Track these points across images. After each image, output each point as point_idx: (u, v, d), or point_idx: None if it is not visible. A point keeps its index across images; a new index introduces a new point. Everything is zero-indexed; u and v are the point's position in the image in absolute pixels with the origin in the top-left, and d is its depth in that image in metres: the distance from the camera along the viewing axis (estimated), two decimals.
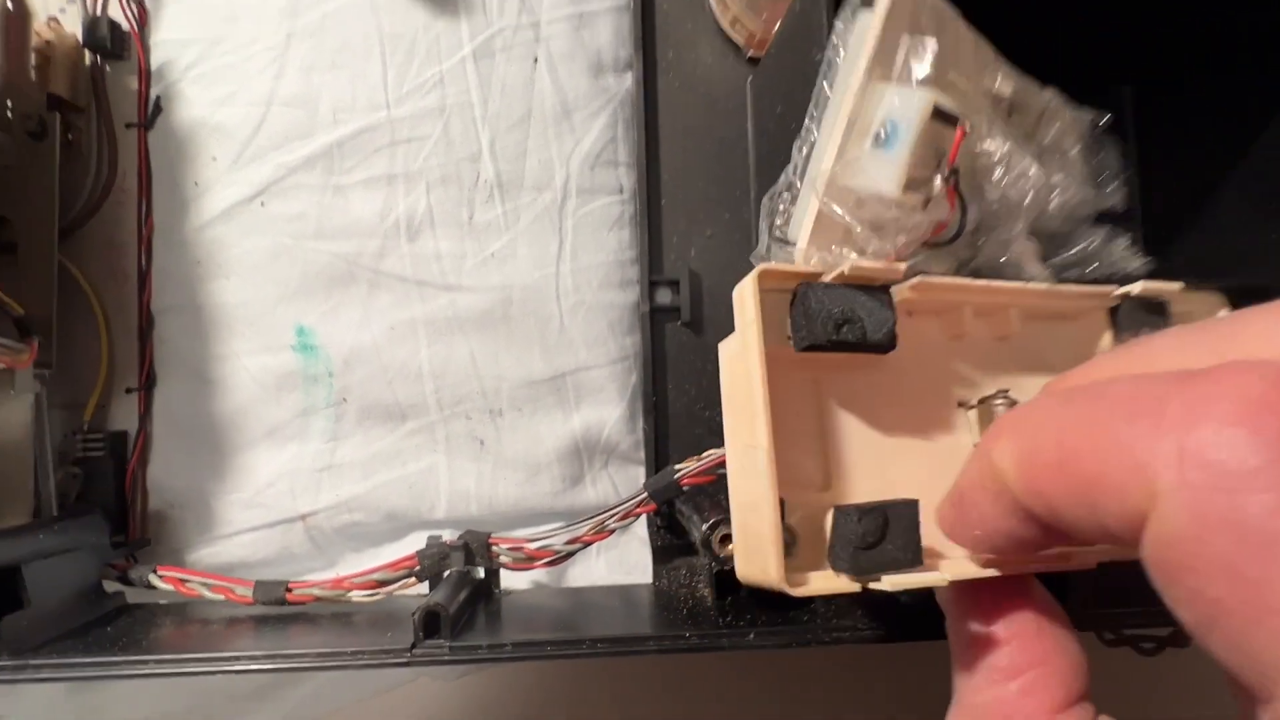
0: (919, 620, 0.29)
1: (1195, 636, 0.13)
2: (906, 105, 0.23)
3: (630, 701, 0.40)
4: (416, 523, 0.39)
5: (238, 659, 0.28)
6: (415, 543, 0.36)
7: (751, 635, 0.28)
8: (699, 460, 0.32)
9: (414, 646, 0.28)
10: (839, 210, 0.24)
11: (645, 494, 0.33)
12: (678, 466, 0.32)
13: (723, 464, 0.32)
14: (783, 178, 0.26)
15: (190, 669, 0.28)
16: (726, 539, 0.28)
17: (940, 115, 0.23)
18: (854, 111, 0.24)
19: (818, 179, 0.24)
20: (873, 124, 0.23)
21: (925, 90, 0.23)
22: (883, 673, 0.42)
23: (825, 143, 0.25)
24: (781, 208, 0.26)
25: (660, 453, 0.40)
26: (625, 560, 0.40)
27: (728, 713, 0.40)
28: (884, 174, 0.23)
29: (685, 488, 0.32)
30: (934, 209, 0.24)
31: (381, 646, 0.28)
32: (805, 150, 0.26)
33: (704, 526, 0.28)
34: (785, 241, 0.25)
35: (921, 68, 0.23)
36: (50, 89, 0.38)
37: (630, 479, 0.40)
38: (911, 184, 0.24)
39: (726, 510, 0.28)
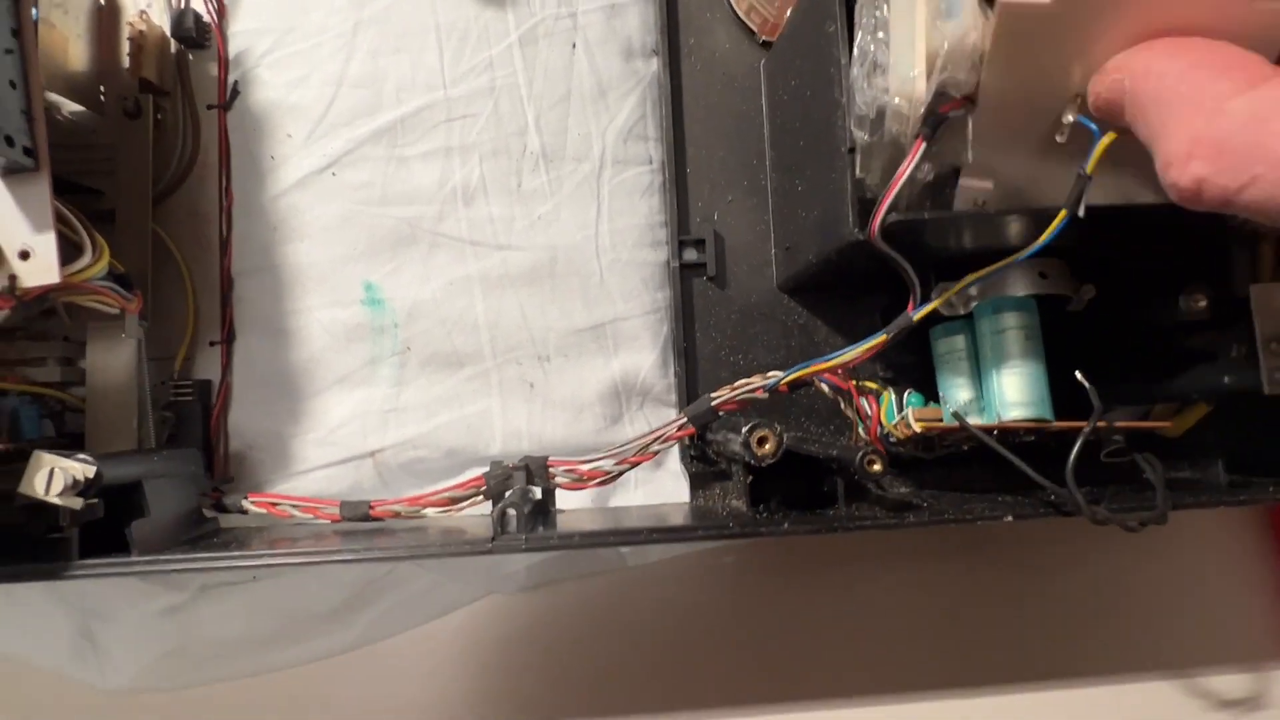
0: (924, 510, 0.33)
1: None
2: None
3: (672, 612, 0.44)
4: (473, 459, 0.43)
5: (339, 552, 0.32)
6: (471, 477, 0.41)
7: (786, 525, 0.33)
8: (731, 389, 0.37)
9: (494, 539, 0.32)
10: None
11: (685, 419, 0.37)
12: (712, 395, 0.37)
13: (753, 393, 0.36)
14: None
15: (298, 559, 0.32)
16: (763, 440, 0.33)
17: None
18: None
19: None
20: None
21: None
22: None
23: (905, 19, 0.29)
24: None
25: (690, 393, 0.45)
26: (661, 491, 0.44)
27: (762, 617, 0.44)
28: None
29: (720, 413, 0.37)
30: None
31: (465, 540, 0.32)
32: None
33: (744, 429, 0.33)
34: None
35: None
36: (142, 74, 0.42)
37: (663, 418, 0.45)
38: None
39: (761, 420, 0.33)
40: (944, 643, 0.45)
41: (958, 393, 0.40)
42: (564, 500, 0.42)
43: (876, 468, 0.32)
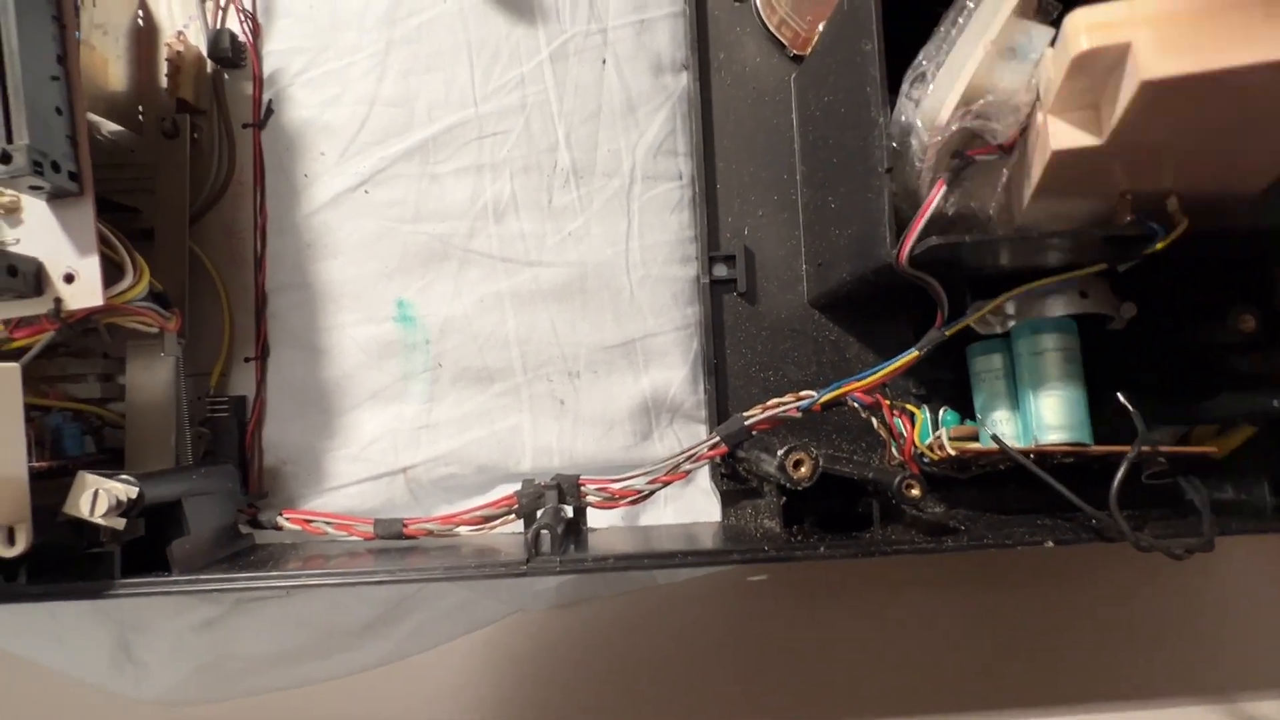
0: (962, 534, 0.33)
1: None
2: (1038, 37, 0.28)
3: (701, 630, 0.44)
4: (503, 475, 0.43)
5: (375, 572, 0.32)
6: (502, 494, 0.41)
7: (822, 548, 0.32)
8: (764, 408, 0.36)
9: (528, 560, 0.32)
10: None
11: (717, 438, 0.37)
12: (745, 414, 0.37)
13: (787, 413, 0.36)
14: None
15: (334, 580, 0.32)
16: (799, 464, 0.32)
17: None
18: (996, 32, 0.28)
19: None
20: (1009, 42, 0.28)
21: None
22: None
23: (967, 47, 0.29)
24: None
25: (720, 410, 0.44)
26: (691, 508, 0.44)
27: (791, 638, 0.44)
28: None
29: (753, 432, 0.37)
30: None
31: (500, 561, 0.32)
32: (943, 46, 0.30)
33: (780, 452, 0.33)
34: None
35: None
36: (179, 94, 0.43)
37: (693, 435, 0.45)
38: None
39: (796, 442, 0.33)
40: (978, 666, 0.44)
41: (995, 412, 0.39)
42: (594, 518, 0.42)
43: (915, 493, 0.31)
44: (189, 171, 0.42)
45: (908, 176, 0.33)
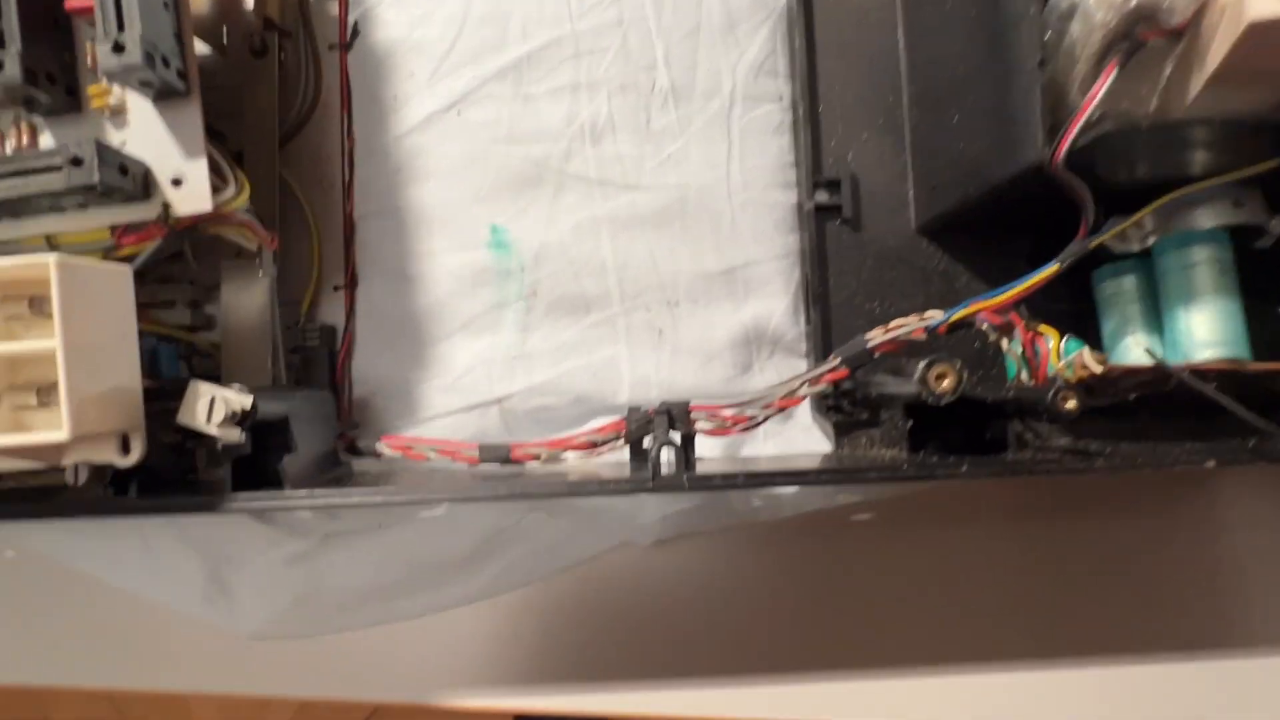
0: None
1: None
2: None
3: (804, 568, 0.42)
4: (600, 407, 0.42)
5: (496, 488, 0.31)
6: (598, 426, 0.39)
7: (965, 467, 0.31)
8: (887, 329, 0.34)
9: (655, 476, 0.31)
10: None
11: (838, 359, 0.35)
12: (868, 335, 0.35)
13: (911, 334, 0.34)
14: None
15: (454, 497, 0.31)
16: (942, 376, 0.31)
17: None
18: None
19: None
20: None
21: None
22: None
23: None
24: None
25: (824, 342, 0.42)
26: (792, 444, 0.42)
27: (897, 576, 0.43)
28: None
29: (875, 355, 0.35)
30: None
31: (627, 478, 0.31)
32: None
33: (922, 364, 0.31)
34: None
35: None
36: (265, 13, 0.41)
37: (794, 369, 0.43)
38: None
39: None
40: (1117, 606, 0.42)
41: (1126, 338, 0.37)
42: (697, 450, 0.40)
43: (1071, 404, 0.29)
44: (277, 91, 0.41)
45: (1060, 72, 0.31)
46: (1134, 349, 0.36)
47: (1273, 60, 0.27)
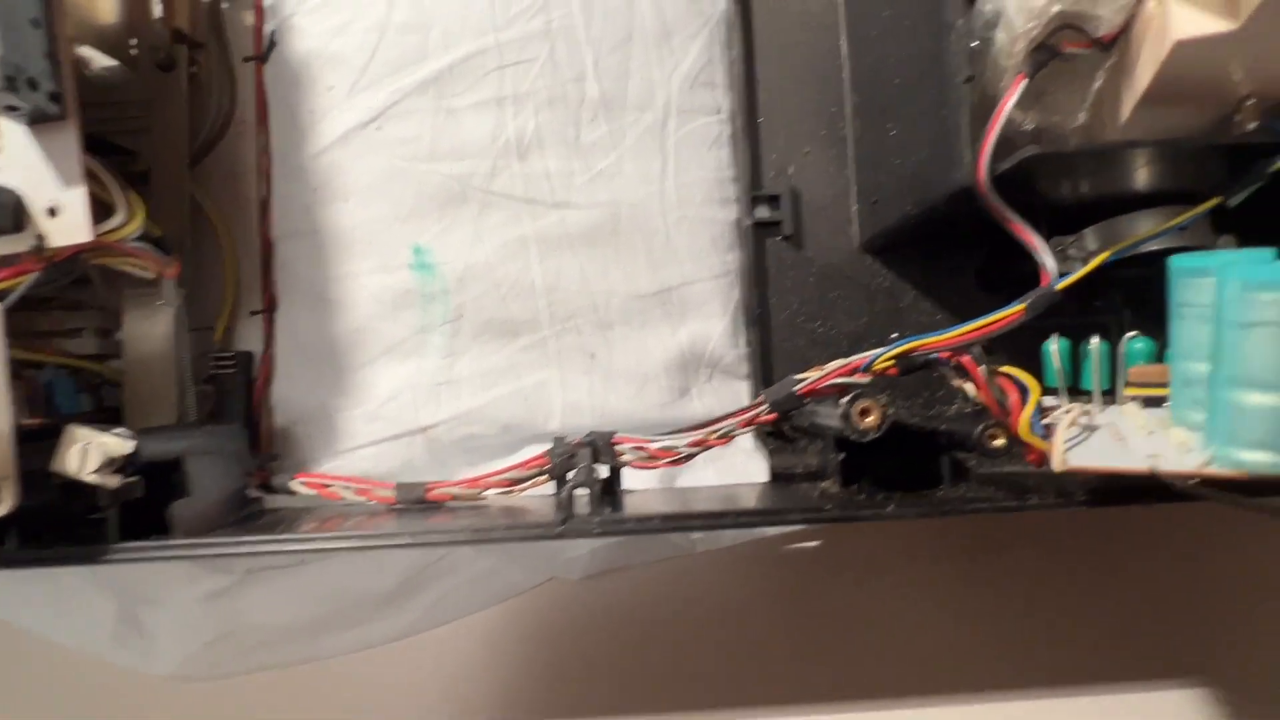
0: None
1: None
2: None
3: (741, 601, 0.41)
4: (531, 435, 0.40)
5: (398, 536, 0.29)
6: (530, 454, 0.37)
7: (891, 507, 0.29)
8: (821, 370, 0.32)
9: (565, 521, 0.29)
10: None
11: (766, 404, 0.33)
12: (798, 376, 0.33)
13: (845, 374, 0.31)
14: None
15: (354, 544, 0.29)
16: (866, 412, 0.29)
17: None
18: None
19: None
20: None
21: None
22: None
23: None
24: None
25: (764, 365, 0.41)
26: (733, 470, 0.40)
27: (836, 609, 0.41)
28: None
29: (804, 397, 0.32)
30: None
31: (532, 523, 0.29)
32: None
33: (844, 400, 0.29)
34: None
35: None
36: (174, 24, 0.39)
37: (734, 392, 0.41)
38: None
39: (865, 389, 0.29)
40: (1040, 641, 0.41)
41: (1194, 362, 0.25)
42: (629, 480, 0.39)
43: (999, 442, 0.28)
44: (187, 106, 0.39)
45: (988, 83, 0.29)
46: (1195, 386, 0.25)
47: (1204, 79, 0.25)
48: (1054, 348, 0.29)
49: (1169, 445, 0.25)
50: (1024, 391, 0.27)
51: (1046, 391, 0.28)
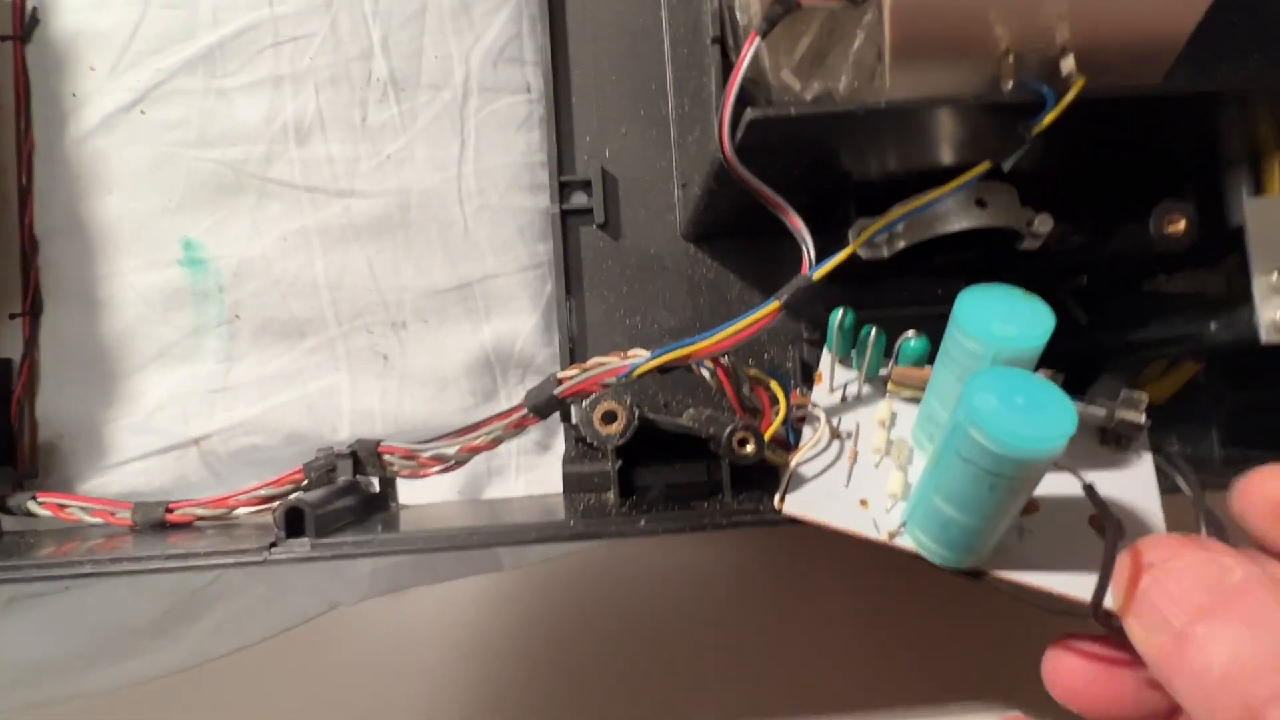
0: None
1: None
2: None
3: (551, 619, 0.38)
4: (318, 445, 0.36)
5: (76, 564, 0.26)
6: None
7: (642, 522, 0.26)
8: (582, 369, 0.29)
9: (273, 545, 0.26)
10: None
11: (527, 406, 0.30)
12: (560, 375, 0.29)
13: (611, 375, 0.28)
14: None
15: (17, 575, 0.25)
16: (610, 416, 0.26)
17: None
18: None
19: None
20: None
21: None
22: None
23: None
24: None
25: (579, 362, 0.38)
26: (547, 478, 0.37)
27: (668, 625, 0.38)
28: None
29: (566, 400, 0.29)
30: None
31: (237, 547, 0.26)
32: None
33: (585, 403, 0.26)
34: None
35: None
36: None
37: None
38: None
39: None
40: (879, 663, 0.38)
41: (938, 406, 0.25)
42: (427, 490, 0.35)
43: (749, 449, 0.25)
44: None
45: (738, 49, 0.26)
46: (937, 419, 0.25)
47: (950, 32, 0.22)
48: (837, 319, 0.27)
49: (885, 489, 0.24)
50: (775, 403, 0.24)
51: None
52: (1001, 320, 0.22)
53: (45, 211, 0.37)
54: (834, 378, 0.27)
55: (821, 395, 0.27)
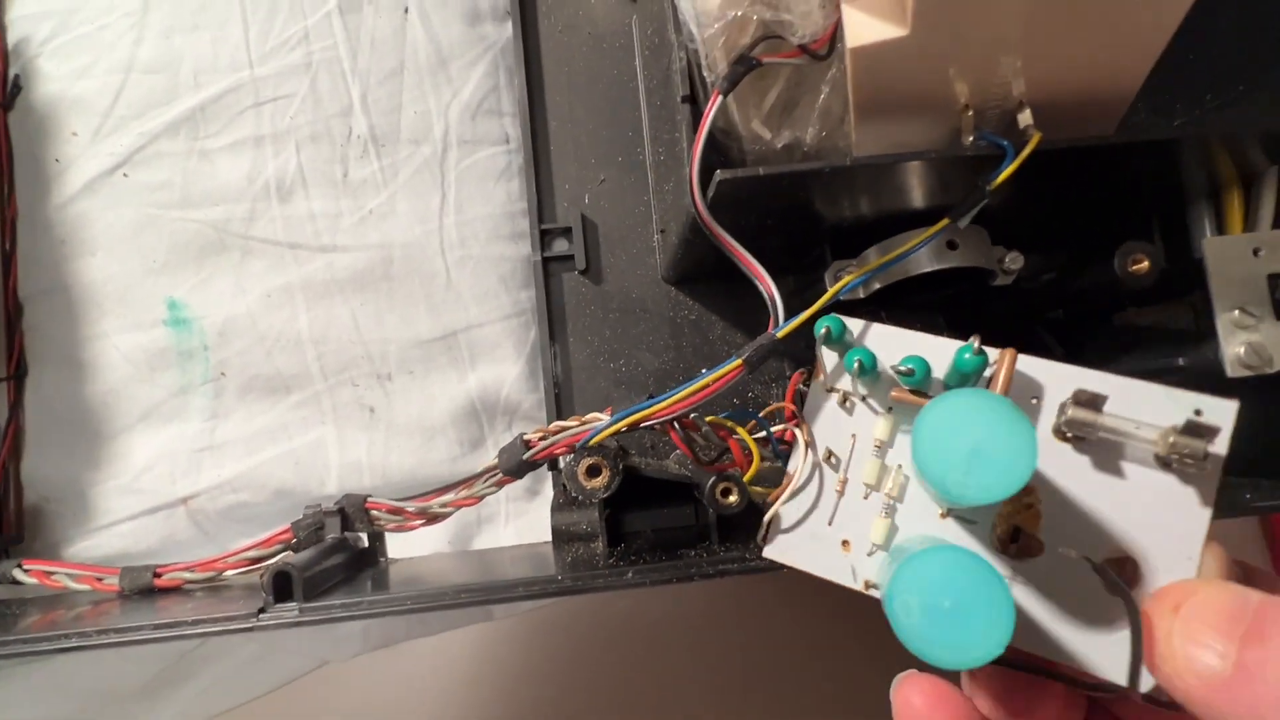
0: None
1: None
2: None
3: (548, 664, 0.37)
4: (306, 500, 0.36)
5: (62, 637, 0.26)
6: None
7: (630, 574, 0.26)
8: (547, 432, 0.28)
9: (262, 611, 0.26)
10: None
11: (498, 467, 0.29)
12: (527, 437, 0.29)
13: (575, 440, 0.27)
14: None
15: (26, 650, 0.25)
16: (594, 470, 0.26)
17: None
18: None
19: None
20: None
21: None
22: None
23: None
24: None
25: (564, 409, 0.38)
26: (536, 526, 0.37)
27: (654, 673, 0.38)
28: None
29: (536, 462, 0.29)
30: None
31: (224, 614, 0.26)
32: None
33: (567, 459, 0.26)
34: None
35: None
36: None
37: None
38: None
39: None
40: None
41: None
42: (416, 544, 0.35)
43: (732, 499, 0.25)
44: None
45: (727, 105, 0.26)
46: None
47: (910, 89, 0.23)
48: (821, 332, 0.26)
49: (868, 534, 0.24)
50: (746, 450, 0.24)
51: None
52: (961, 471, 0.18)
53: (29, 275, 0.37)
54: (833, 376, 0.26)
55: (817, 394, 0.25)
